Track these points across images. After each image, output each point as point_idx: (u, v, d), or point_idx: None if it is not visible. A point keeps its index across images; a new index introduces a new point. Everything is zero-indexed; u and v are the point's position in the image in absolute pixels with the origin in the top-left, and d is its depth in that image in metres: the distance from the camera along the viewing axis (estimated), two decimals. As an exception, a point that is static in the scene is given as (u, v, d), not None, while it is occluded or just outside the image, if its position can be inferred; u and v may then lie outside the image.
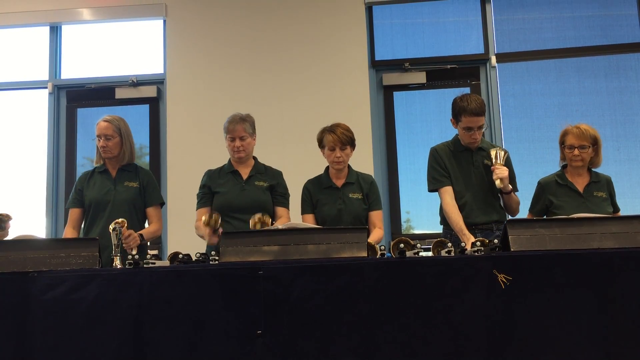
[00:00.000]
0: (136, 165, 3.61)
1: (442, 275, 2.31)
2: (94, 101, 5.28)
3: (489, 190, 3.37)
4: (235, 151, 3.48)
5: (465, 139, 3.37)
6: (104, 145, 3.46)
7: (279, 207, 3.50)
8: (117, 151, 3.50)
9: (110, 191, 3.47)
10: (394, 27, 5.27)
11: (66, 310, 2.35)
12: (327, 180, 3.50)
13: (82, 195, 3.51)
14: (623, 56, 5.07)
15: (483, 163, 3.39)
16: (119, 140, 3.49)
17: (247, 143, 3.49)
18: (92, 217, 3.47)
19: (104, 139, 3.46)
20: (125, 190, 3.48)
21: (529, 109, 5.08)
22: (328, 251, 2.43)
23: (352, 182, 3.47)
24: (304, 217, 3.48)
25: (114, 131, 3.47)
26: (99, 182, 3.51)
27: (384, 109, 5.17)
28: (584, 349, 2.23)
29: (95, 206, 3.46)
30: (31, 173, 5.28)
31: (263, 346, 2.29)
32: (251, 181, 3.49)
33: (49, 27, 5.39)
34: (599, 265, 2.29)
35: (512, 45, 5.15)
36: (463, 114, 3.29)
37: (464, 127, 3.32)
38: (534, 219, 2.51)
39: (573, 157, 3.41)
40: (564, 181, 3.47)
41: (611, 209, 3.44)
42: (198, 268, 2.44)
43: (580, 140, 3.39)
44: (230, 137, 3.48)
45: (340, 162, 3.42)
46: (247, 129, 3.49)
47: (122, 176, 3.52)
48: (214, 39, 5.15)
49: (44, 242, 2.83)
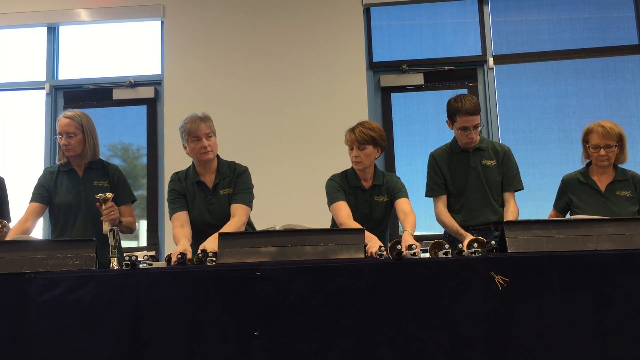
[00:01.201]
0: (102, 162, 3.41)
1: (439, 277, 2.31)
2: (92, 102, 5.26)
3: (487, 191, 3.36)
4: (203, 152, 3.16)
5: (462, 139, 3.36)
6: (66, 144, 3.26)
7: (233, 204, 3.17)
8: (80, 149, 3.30)
9: (81, 192, 3.31)
10: (391, 29, 5.28)
11: (63, 312, 2.35)
12: (354, 180, 3.28)
13: (48, 194, 3.33)
14: (620, 58, 5.08)
15: (481, 164, 3.38)
16: (82, 137, 3.29)
17: (212, 142, 3.20)
18: (64, 220, 3.32)
19: (66, 136, 3.25)
20: (96, 190, 3.25)
21: (526, 111, 5.09)
22: (326, 252, 2.43)
23: (379, 184, 3.29)
24: (337, 204, 3.16)
25: (76, 128, 3.27)
26: (67, 182, 3.34)
27: (382, 111, 5.17)
28: (581, 350, 2.24)
29: (66, 210, 3.31)
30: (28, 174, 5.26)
31: (260, 347, 2.29)
32: (217, 191, 3.23)
33: (46, 28, 5.39)
34: (596, 267, 2.29)
35: (509, 47, 5.16)
36: (458, 114, 3.28)
37: (460, 127, 3.31)
38: (531, 220, 2.50)
39: (599, 157, 3.31)
40: (586, 179, 3.39)
41: (637, 207, 3.33)
42: (195, 269, 2.44)
43: (606, 139, 3.30)
44: (194, 137, 3.15)
45: (359, 163, 3.21)
46: (211, 127, 3.22)
47: (91, 175, 3.35)
48: (211, 40, 5.15)
49: (40, 243, 2.82)
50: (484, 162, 3.38)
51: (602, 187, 3.37)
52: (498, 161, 3.39)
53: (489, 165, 3.38)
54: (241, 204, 3.16)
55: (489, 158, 3.40)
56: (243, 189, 3.23)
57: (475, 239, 2.56)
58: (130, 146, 5.30)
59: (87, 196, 3.30)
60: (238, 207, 3.15)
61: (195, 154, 3.21)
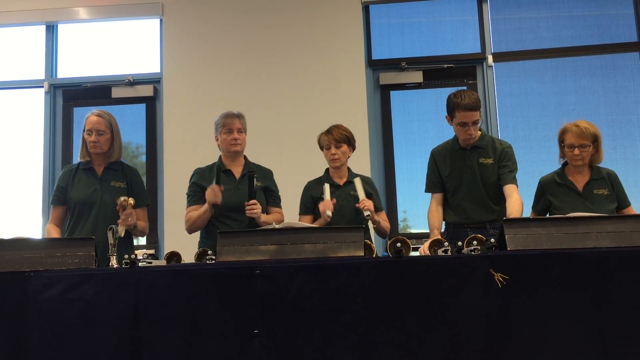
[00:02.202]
0: (122, 163, 3.47)
1: (438, 275, 2.31)
2: (91, 100, 5.27)
3: (481, 190, 3.35)
4: (232, 144, 3.42)
5: (461, 135, 3.35)
6: (95, 141, 3.32)
7: (274, 207, 3.50)
8: (107, 147, 3.37)
9: (97, 191, 3.34)
10: (390, 27, 5.27)
11: (62, 310, 2.35)
12: (328, 179, 3.50)
13: (65, 193, 3.38)
14: (619, 55, 5.08)
15: (478, 162, 3.37)
16: (110, 136, 3.37)
17: (242, 138, 3.46)
18: (77, 217, 3.35)
19: (96, 134, 3.32)
20: (112, 190, 3.33)
21: (526, 108, 5.09)
22: (325, 250, 2.43)
23: (352, 182, 3.46)
24: (300, 217, 3.48)
25: (106, 126, 3.35)
26: (84, 180, 3.38)
27: (381, 109, 5.16)
28: (581, 347, 2.23)
29: (80, 206, 3.34)
30: (27, 172, 5.26)
31: (260, 346, 2.29)
32: (244, 180, 3.39)
33: (45, 26, 5.38)
34: (595, 264, 2.29)
35: (508, 44, 5.16)
36: (457, 109, 3.27)
37: (459, 123, 3.29)
38: (530, 217, 2.51)
39: (573, 156, 3.34)
40: (563, 180, 3.42)
41: (615, 205, 3.37)
42: (195, 267, 2.44)
43: (581, 139, 3.32)
44: (227, 129, 3.42)
45: (336, 160, 3.43)
46: (244, 124, 3.47)
47: (109, 175, 3.40)
48: (210, 38, 5.14)
49: (40, 241, 2.81)
50: (481, 160, 3.37)
51: (580, 187, 3.39)
52: (495, 159, 3.37)
53: (485, 163, 3.36)
54: (280, 208, 3.53)
55: (487, 156, 3.37)
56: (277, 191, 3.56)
57: (474, 236, 2.56)
58: (130, 144, 5.30)
59: (102, 195, 3.34)
60: (278, 210, 3.52)
61: (225, 145, 3.44)
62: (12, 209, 3.47)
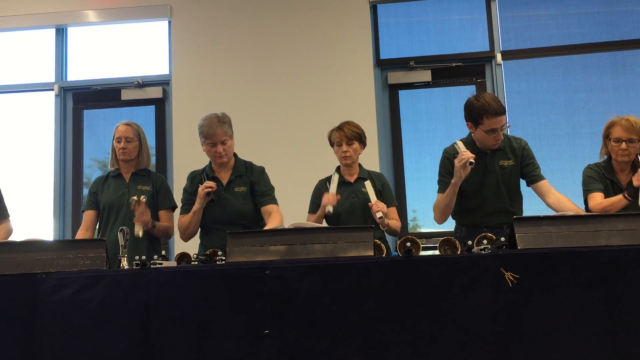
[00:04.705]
0: (149, 170, 3.65)
1: (448, 274, 2.31)
2: (100, 103, 5.30)
3: (503, 195, 3.21)
4: (217, 157, 3.30)
5: (489, 142, 3.13)
6: (124, 147, 3.51)
7: (265, 206, 3.32)
8: (135, 154, 3.56)
9: (125, 194, 3.50)
10: (398, 26, 5.26)
11: (74, 312, 2.36)
12: (339, 177, 3.45)
13: (97, 198, 3.56)
14: (629, 52, 5.04)
15: (499, 165, 3.21)
16: (138, 144, 3.57)
17: (228, 147, 3.30)
18: (106, 219, 3.52)
19: (125, 141, 3.51)
20: (139, 193, 3.45)
21: (535, 107, 5.06)
22: (334, 250, 2.43)
23: (364, 178, 3.43)
24: (309, 216, 3.47)
25: (134, 134, 3.54)
26: (113, 185, 3.56)
27: (390, 108, 5.16)
28: (592, 346, 2.22)
29: (109, 209, 3.51)
30: (38, 175, 5.30)
31: (270, 346, 2.29)
32: (230, 188, 3.33)
33: (54, 30, 5.41)
34: (606, 263, 2.28)
35: (517, 42, 5.13)
36: (485, 115, 3.02)
37: (488, 130, 3.06)
38: (541, 216, 2.49)
39: (620, 151, 3.18)
40: (610, 176, 3.27)
41: None
42: (205, 268, 2.45)
43: (629, 133, 3.16)
44: (210, 142, 3.27)
45: (348, 157, 3.40)
46: (227, 132, 3.30)
47: (136, 180, 3.57)
48: (218, 40, 5.16)
49: (51, 243, 2.84)
50: (501, 163, 3.21)
51: (624, 185, 3.25)
52: (516, 159, 3.22)
53: (506, 166, 3.21)
54: (274, 204, 3.33)
55: (506, 158, 3.22)
56: (268, 189, 3.38)
57: (484, 235, 2.55)
58: (139, 146, 5.31)
59: (129, 197, 3.45)
60: (273, 207, 3.31)
61: (210, 157, 3.37)
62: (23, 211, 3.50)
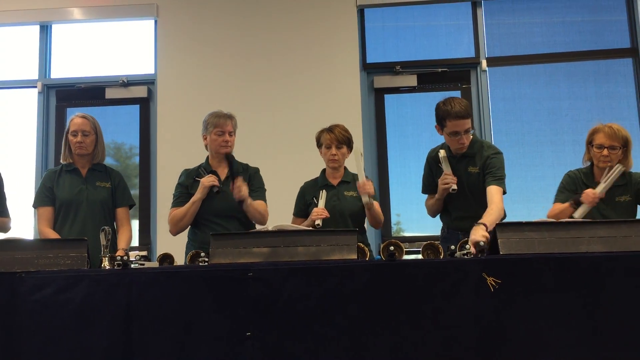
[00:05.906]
0: (105, 166, 3.53)
1: (431, 278, 2.32)
2: (84, 101, 5.24)
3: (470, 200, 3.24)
4: (223, 145, 3.36)
5: (453, 144, 3.21)
6: (81, 142, 3.39)
7: (255, 200, 3.35)
8: (92, 149, 3.44)
9: (83, 191, 3.39)
10: (385, 30, 5.28)
11: (54, 311, 2.34)
12: (322, 180, 3.48)
13: (53, 194, 3.40)
14: (612, 61, 5.10)
15: (466, 171, 3.25)
16: (95, 137, 3.44)
17: (233, 140, 3.41)
18: (64, 216, 3.37)
19: (81, 134, 3.39)
20: (98, 190, 3.40)
21: (519, 113, 5.11)
22: (318, 253, 2.43)
23: (347, 181, 3.45)
24: (294, 218, 3.48)
25: (91, 128, 3.43)
26: (69, 181, 3.42)
27: (375, 112, 5.17)
28: (573, 351, 2.24)
29: (67, 206, 3.37)
30: (20, 173, 5.24)
31: (252, 348, 2.28)
32: (228, 183, 3.34)
33: (39, 26, 5.35)
34: (588, 269, 2.30)
35: (502, 49, 5.18)
36: (447, 118, 3.11)
37: (450, 132, 3.15)
38: (522, 222, 2.51)
39: (602, 157, 3.22)
40: (589, 182, 3.31)
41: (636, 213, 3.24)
42: (187, 269, 2.44)
43: (611, 140, 3.21)
44: (219, 130, 3.35)
45: (336, 161, 3.41)
46: (234, 126, 3.42)
47: (93, 176, 3.45)
48: (205, 40, 5.14)
49: (31, 242, 2.81)
50: (469, 169, 3.26)
51: None
52: (481, 167, 3.22)
53: (473, 172, 3.25)
54: (262, 201, 3.39)
55: (474, 165, 3.25)
56: (260, 186, 3.45)
57: (466, 240, 2.57)
58: (123, 146, 5.29)
59: (88, 195, 3.39)
60: (261, 203, 3.38)
61: (215, 146, 3.38)
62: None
